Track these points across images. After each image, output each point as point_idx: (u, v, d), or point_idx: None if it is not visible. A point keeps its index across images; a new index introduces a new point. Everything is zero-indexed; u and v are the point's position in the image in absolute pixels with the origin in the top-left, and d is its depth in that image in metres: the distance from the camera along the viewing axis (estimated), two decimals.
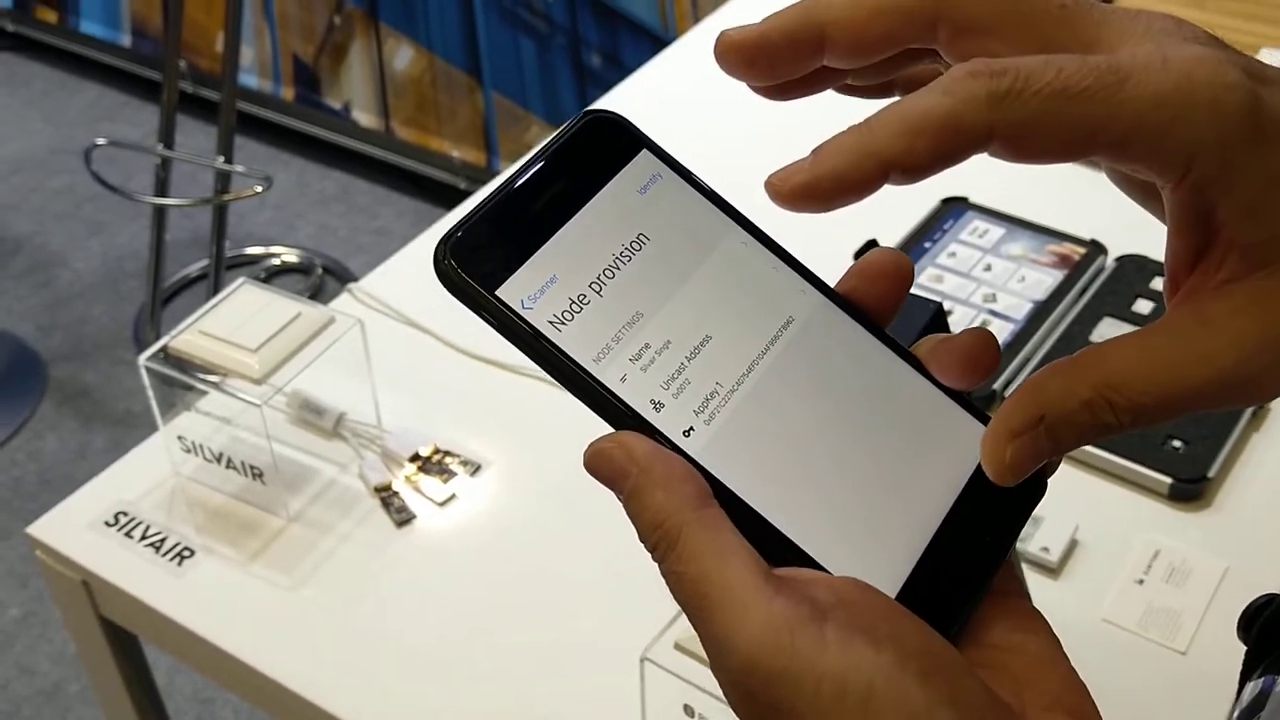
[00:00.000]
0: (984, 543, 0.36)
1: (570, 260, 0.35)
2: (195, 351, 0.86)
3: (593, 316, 0.35)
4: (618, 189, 0.36)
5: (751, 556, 0.32)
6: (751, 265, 0.37)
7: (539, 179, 0.36)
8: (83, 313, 2.39)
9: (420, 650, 0.81)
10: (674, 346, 0.35)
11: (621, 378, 0.34)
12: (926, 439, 0.37)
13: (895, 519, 0.35)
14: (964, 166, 0.32)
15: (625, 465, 0.33)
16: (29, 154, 2.81)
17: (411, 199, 2.64)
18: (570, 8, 2.31)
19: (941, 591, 0.34)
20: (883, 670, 0.30)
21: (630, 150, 0.37)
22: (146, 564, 0.86)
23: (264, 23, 2.67)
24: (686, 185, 0.38)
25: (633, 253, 0.36)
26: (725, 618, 0.31)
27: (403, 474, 0.91)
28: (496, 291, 0.34)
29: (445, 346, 1.01)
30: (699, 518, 0.32)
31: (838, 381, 0.37)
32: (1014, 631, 0.34)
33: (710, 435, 0.34)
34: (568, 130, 0.37)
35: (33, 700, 1.75)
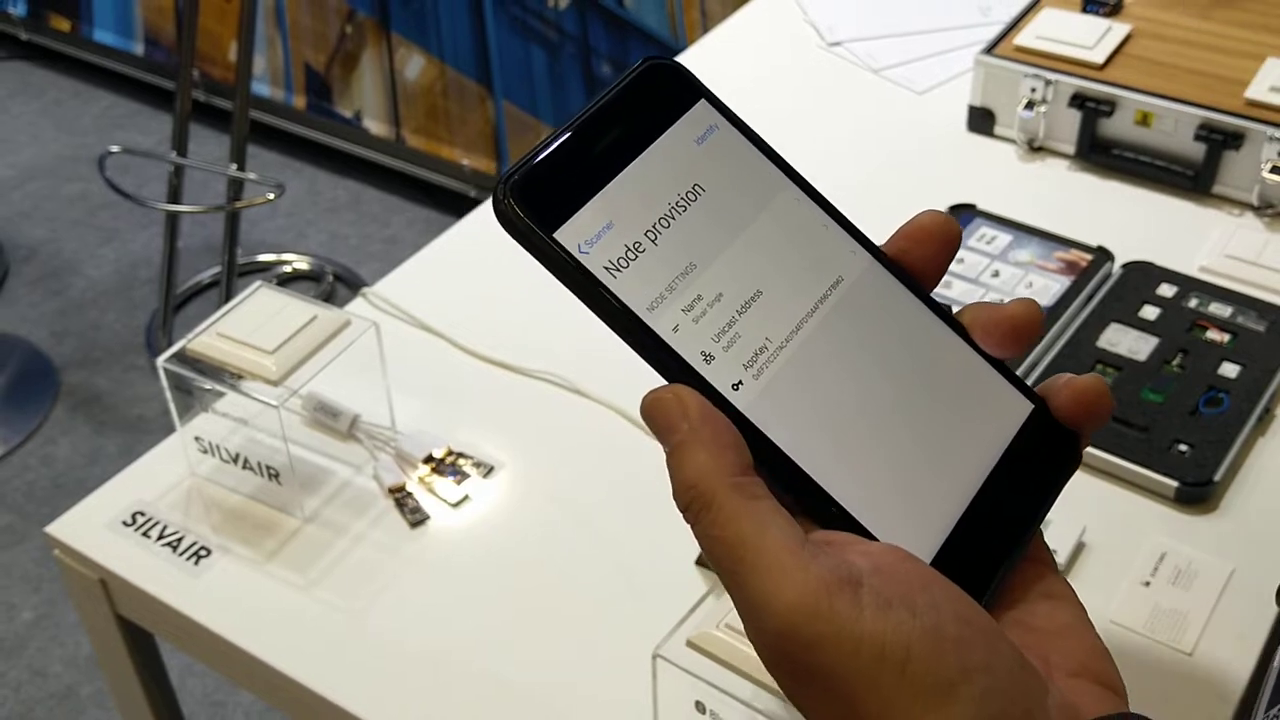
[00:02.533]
0: (1019, 509, 0.36)
1: (627, 207, 0.35)
2: (212, 353, 0.87)
3: (648, 264, 0.35)
4: (675, 138, 0.36)
5: (789, 523, 0.32)
6: (804, 222, 0.37)
7: (598, 123, 0.36)
8: (95, 319, 2.41)
9: (433, 649, 0.82)
10: (726, 299, 0.35)
11: (674, 328, 0.34)
12: (967, 405, 0.37)
13: (935, 482, 0.36)
14: (971, 173, 0.33)
15: (677, 419, 0.34)
16: (42, 162, 2.83)
17: (422, 207, 2.65)
18: (581, 17, 2.32)
19: (977, 556, 0.35)
20: (919, 634, 0.31)
21: (688, 100, 0.37)
22: (164, 563, 0.87)
23: (276, 32, 2.69)
24: (743, 138, 0.38)
25: (688, 203, 0.36)
26: (762, 582, 0.31)
27: (416, 475, 0.92)
28: (554, 234, 0.34)
29: (458, 350, 1.02)
30: (737, 484, 0.33)
31: (883, 344, 0.37)
32: (1043, 599, 0.35)
33: (758, 390, 0.35)
34: (627, 76, 0.37)
35: (45, 703, 1.76)
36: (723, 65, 1.38)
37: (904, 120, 1.29)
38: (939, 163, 1.23)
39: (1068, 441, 0.38)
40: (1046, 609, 0.35)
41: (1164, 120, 1.16)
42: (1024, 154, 1.22)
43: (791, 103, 1.31)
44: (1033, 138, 1.21)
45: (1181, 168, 1.16)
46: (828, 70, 1.37)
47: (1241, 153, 1.13)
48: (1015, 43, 1.24)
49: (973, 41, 1.34)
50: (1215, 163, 1.14)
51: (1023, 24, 1.27)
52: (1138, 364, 0.96)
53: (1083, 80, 1.18)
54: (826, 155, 1.21)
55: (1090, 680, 0.34)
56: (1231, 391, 0.94)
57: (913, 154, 1.24)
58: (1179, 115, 1.15)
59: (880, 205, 1.13)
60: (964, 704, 0.30)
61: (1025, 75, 1.20)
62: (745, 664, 0.66)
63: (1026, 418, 0.38)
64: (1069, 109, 1.19)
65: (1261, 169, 1.12)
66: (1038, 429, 0.38)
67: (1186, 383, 0.95)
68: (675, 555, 0.85)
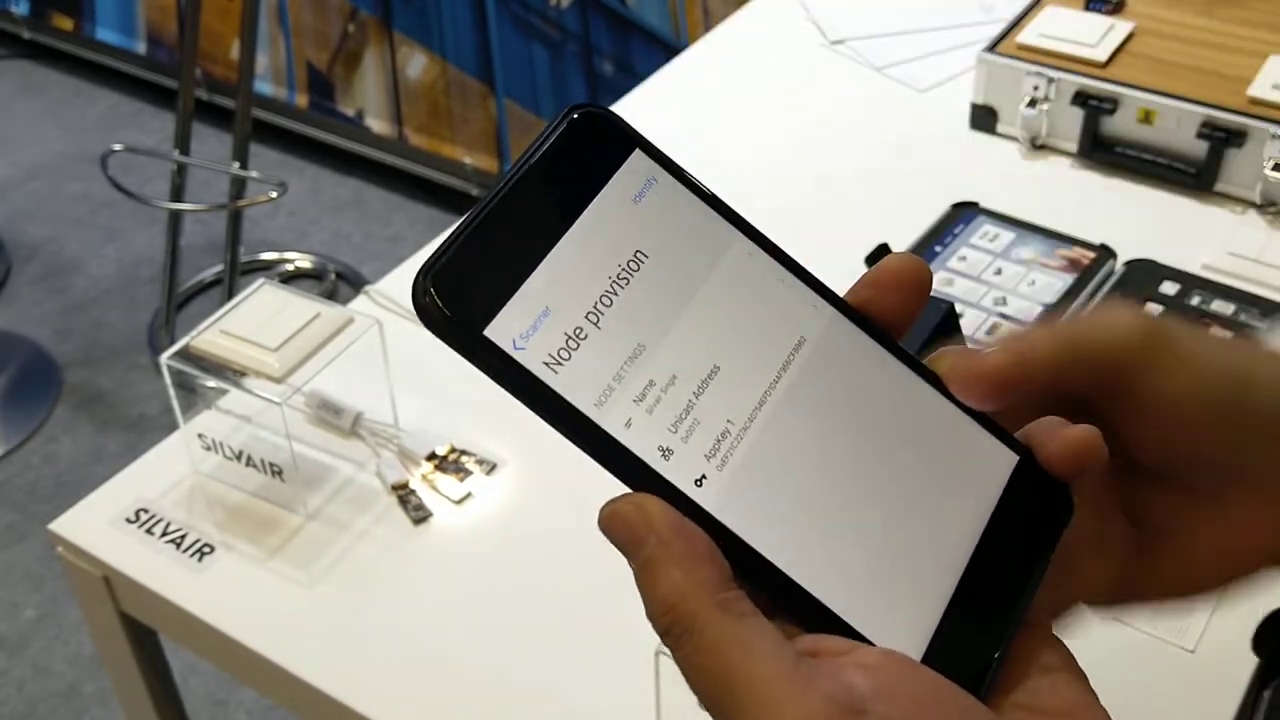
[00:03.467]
0: (1011, 576, 0.33)
1: (564, 288, 0.31)
2: (216, 351, 0.87)
3: (591, 353, 0.31)
4: (611, 198, 0.33)
5: (778, 643, 0.30)
6: (758, 280, 0.34)
7: (525, 191, 0.32)
8: (98, 318, 2.41)
9: (436, 645, 0.82)
10: (680, 381, 0.32)
11: (626, 423, 0.31)
12: (950, 465, 0.34)
13: (923, 559, 0.33)
14: (974, 171, 0.33)
15: (642, 533, 0.31)
16: (45, 160, 2.83)
17: (424, 205, 2.65)
18: (582, 15, 2.32)
19: (973, 638, 0.32)
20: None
21: (622, 151, 0.33)
22: (167, 560, 0.87)
23: (279, 31, 2.69)
24: (684, 189, 0.34)
25: (630, 274, 0.32)
26: (757, 717, 0.29)
27: (419, 473, 0.92)
28: (485, 331, 0.31)
29: None
30: (720, 603, 0.30)
31: (854, 410, 0.34)
32: (1041, 674, 0.33)
33: (724, 483, 0.31)
34: (551, 131, 0.33)
35: (48, 701, 1.76)
36: (725, 63, 1.38)
37: (906, 118, 1.29)
38: (941, 161, 1.23)
39: (1057, 492, 0.35)
40: (1048, 685, 0.33)
41: (1166, 118, 1.16)
42: (1026, 152, 1.22)
43: (793, 101, 1.31)
44: (1035, 135, 1.21)
45: (1184, 165, 1.16)
46: (830, 68, 1.37)
47: (1244, 150, 1.13)
48: (1018, 40, 1.24)
49: (975, 39, 1.34)
50: (1218, 160, 1.14)
51: (1025, 22, 1.27)
52: None
53: (1085, 78, 1.18)
54: (828, 154, 1.21)
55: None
56: None
57: (915, 152, 1.24)
58: (1181, 113, 1.15)
59: (882, 204, 1.12)
60: None
61: (1028, 73, 1.20)
62: None
63: (1013, 471, 0.35)
64: (1071, 107, 1.19)
65: (1264, 167, 1.12)
66: (1025, 481, 0.35)
67: None
68: None
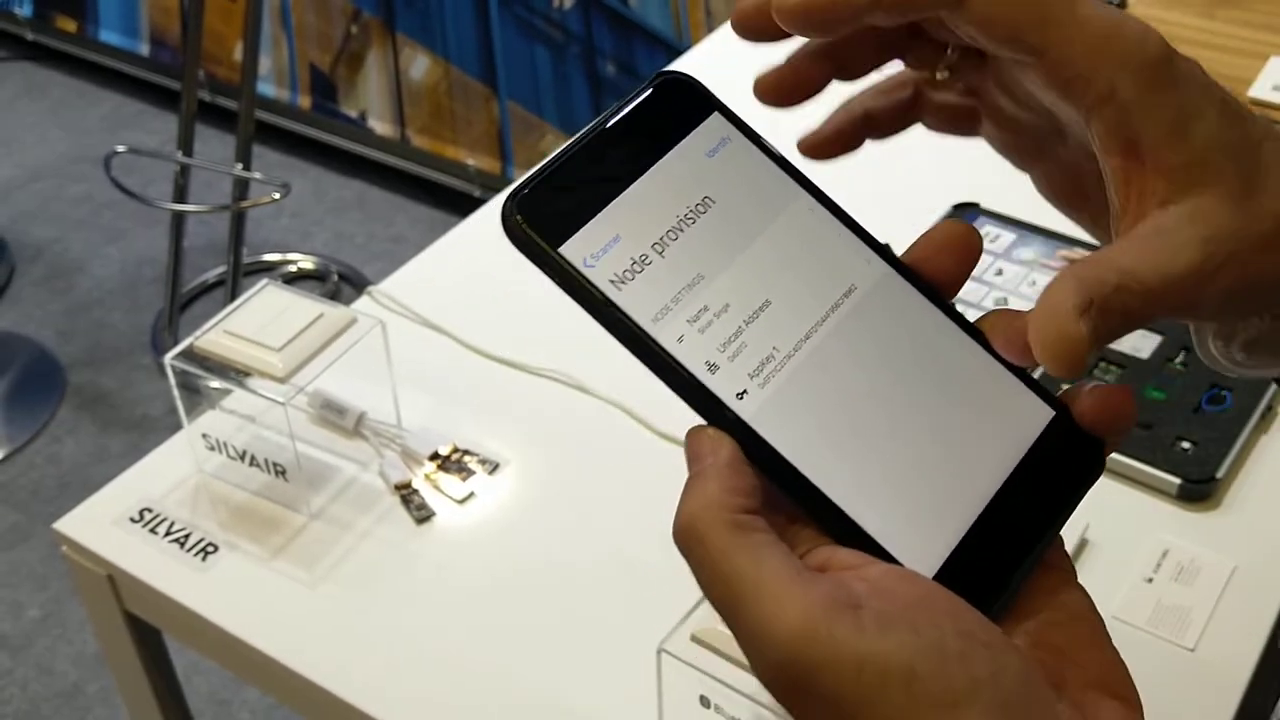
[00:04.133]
0: (1035, 517, 0.36)
1: (635, 220, 0.35)
2: (220, 351, 0.88)
3: (653, 277, 0.35)
4: (686, 150, 0.37)
5: (784, 553, 0.32)
6: (817, 231, 0.37)
7: (609, 138, 0.36)
8: (101, 319, 2.42)
9: (439, 644, 0.82)
10: (733, 310, 0.35)
11: (679, 338, 0.35)
12: (983, 411, 0.36)
13: (947, 488, 0.35)
14: (975, 172, 0.34)
15: (706, 454, 0.34)
16: (48, 162, 2.84)
17: (427, 207, 2.66)
18: (585, 17, 2.33)
19: (988, 564, 0.34)
20: (922, 651, 0.30)
21: (701, 112, 0.37)
22: (171, 559, 0.87)
23: (281, 32, 2.70)
24: (756, 149, 0.37)
25: (697, 215, 0.36)
26: (760, 611, 0.31)
27: (422, 472, 0.92)
28: (560, 249, 0.35)
29: (464, 348, 1.03)
30: (734, 520, 0.33)
31: (896, 350, 0.36)
32: (1057, 609, 0.35)
33: (764, 399, 0.34)
34: (640, 91, 0.37)
35: (52, 701, 1.76)
36: (727, 65, 1.38)
37: None
38: (943, 161, 1.23)
39: (1090, 449, 0.37)
40: (1063, 620, 0.34)
41: None
42: None
43: None
44: None
45: None
46: None
47: None
48: None
49: None
50: None
51: None
52: (1140, 362, 0.97)
53: None
54: (818, 165, 1.20)
55: (1106, 694, 0.33)
56: (1234, 389, 0.94)
57: (916, 152, 1.24)
58: None
59: (884, 204, 1.13)
60: (972, 716, 0.30)
61: None
62: None
63: (1047, 424, 0.37)
64: None
65: None
66: (1059, 436, 0.37)
67: (1189, 380, 0.95)
68: (680, 552, 0.85)
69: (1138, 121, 0.34)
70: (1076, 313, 0.33)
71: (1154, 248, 0.34)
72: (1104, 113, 0.35)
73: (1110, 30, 0.34)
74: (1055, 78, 0.35)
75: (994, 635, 0.32)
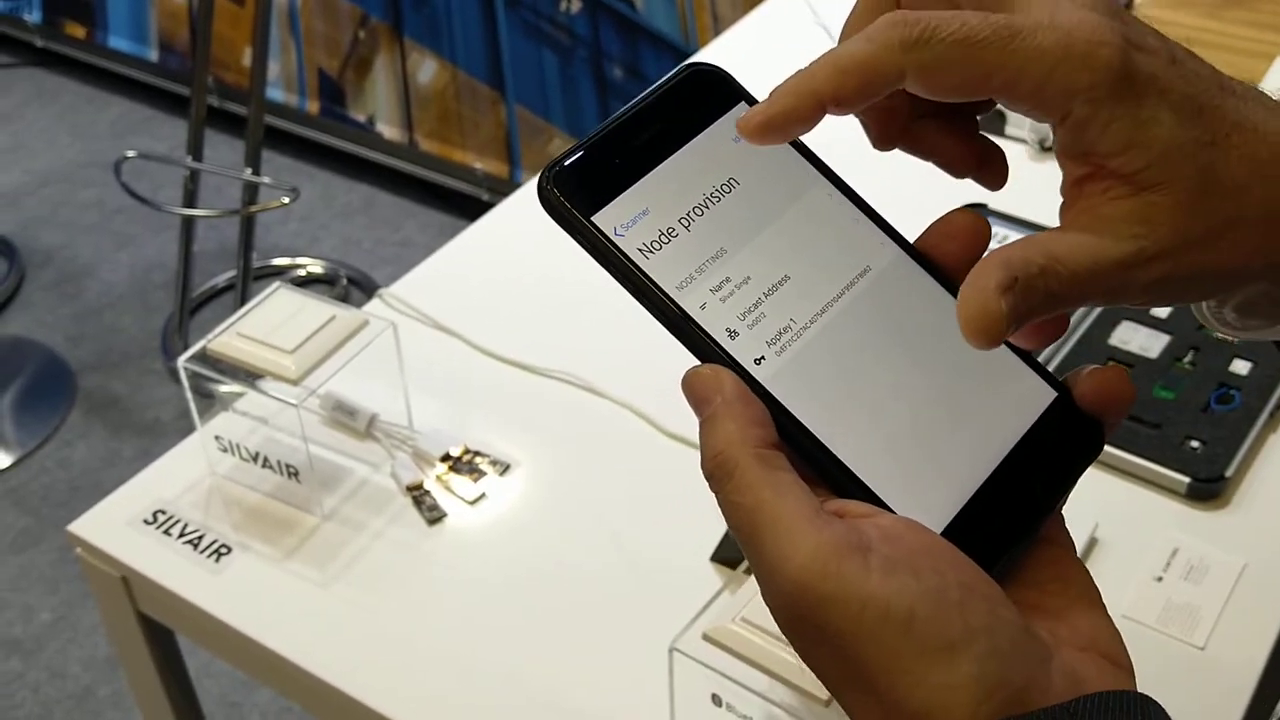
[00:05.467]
0: (1036, 491, 0.38)
1: (663, 196, 0.37)
2: (232, 353, 0.88)
3: (679, 248, 0.37)
4: (713, 136, 0.39)
5: (805, 493, 0.34)
6: (834, 215, 0.40)
7: (641, 121, 0.38)
8: (111, 323, 2.42)
9: (450, 644, 0.83)
10: (753, 282, 0.37)
11: (701, 305, 0.36)
12: (988, 389, 0.39)
13: (953, 459, 0.37)
14: None
15: (712, 393, 0.36)
16: (58, 167, 2.85)
17: (435, 211, 2.66)
18: (592, 20, 2.33)
19: (989, 530, 0.36)
20: (924, 597, 0.32)
21: (728, 101, 0.40)
22: (184, 560, 0.88)
23: (290, 37, 2.71)
24: None
25: (722, 194, 0.38)
26: (776, 544, 0.33)
27: (434, 473, 0.93)
28: (592, 217, 0.37)
29: (474, 350, 1.03)
30: (759, 454, 0.34)
31: (906, 328, 0.38)
32: (1055, 576, 0.36)
33: (780, 365, 0.37)
34: (671, 79, 0.40)
35: (64, 704, 1.77)
36: (734, 68, 1.38)
37: None
38: None
39: (1089, 429, 0.39)
40: (1059, 588, 0.36)
41: None
42: (1035, 154, 1.22)
43: None
44: (1044, 138, 1.22)
45: None
46: None
47: None
48: None
49: None
50: None
51: None
52: (1149, 361, 0.97)
53: None
54: (838, 157, 1.20)
55: (1098, 656, 0.34)
56: (1243, 388, 0.94)
57: None
58: None
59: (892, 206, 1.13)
60: (966, 663, 0.31)
61: None
62: (761, 657, 0.66)
63: (1049, 405, 0.39)
64: None
65: None
66: (1059, 416, 0.39)
67: (1198, 380, 0.95)
68: (690, 551, 0.85)
69: (1091, 138, 0.35)
70: (999, 290, 0.34)
71: (1088, 236, 0.36)
72: (1059, 131, 0.36)
73: (1057, 57, 0.34)
74: (1016, 108, 0.36)
75: (993, 590, 0.33)
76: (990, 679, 0.31)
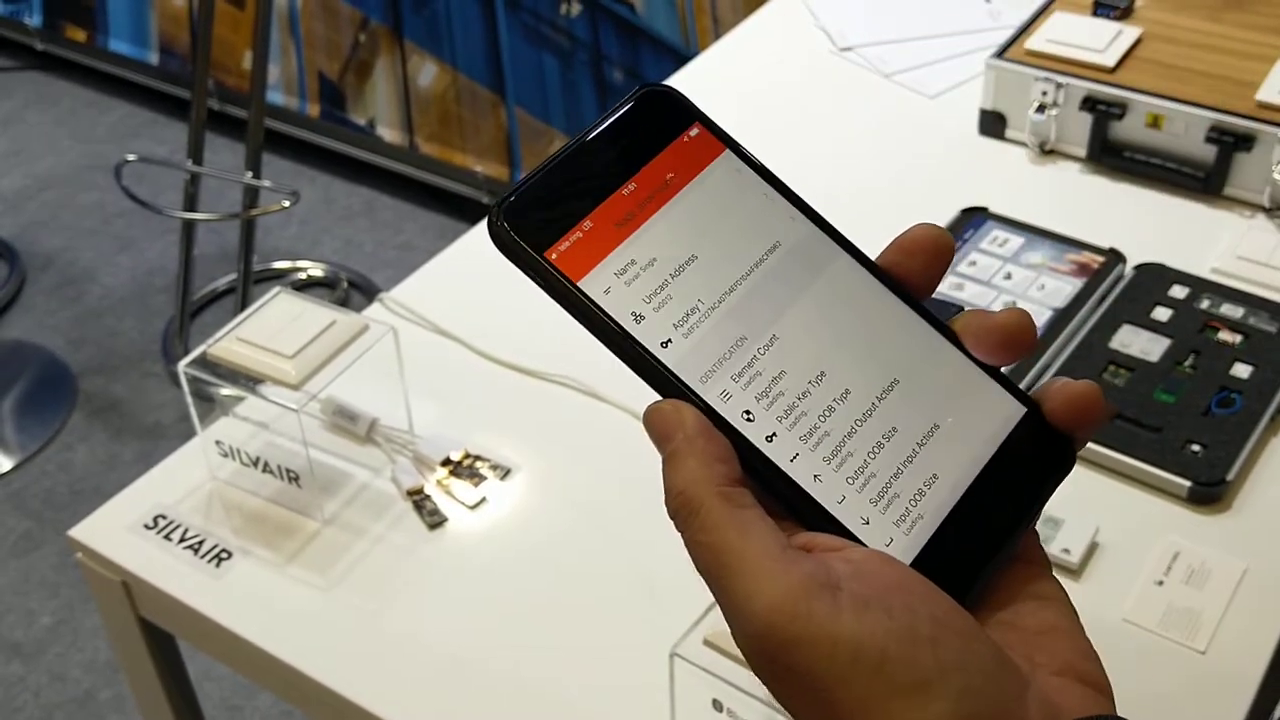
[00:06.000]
0: (1007, 511, 0.37)
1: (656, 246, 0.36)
2: (233, 358, 0.88)
3: (641, 285, 0.36)
4: (667, 161, 0.38)
5: (771, 530, 0.34)
6: (811, 247, 0.38)
7: (593, 147, 0.37)
8: (112, 326, 2.42)
9: (452, 648, 0.83)
10: (716, 313, 0.36)
11: (663, 342, 0.36)
12: (957, 407, 0.38)
13: (921, 481, 0.36)
14: (983, 176, 0.34)
15: (674, 429, 0.35)
16: (58, 171, 2.85)
17: (435, 214, 2.66)
18: (592, 24, 2.33)
19: (961, 555, 0.35)
20: (895, 635, 0.31)
21: (682, 122, 0.39)
22: (185, 565, 0.88)
23: (290, 41, 2.71)
24: (751, 172, 0.39)
25: (693, 237, 0.37)
26: (744, 585, 0.33)
27: (434, 478, 0.93)
28: (547, 254, 0.36)
29: (475, 354, 1.03)
30: (724, 492, 0.34)
31: (870, 347, 0.37)
32: (1032, 600, 0.36)
33: (740, 395, 0.36)
34: (623, 104, 0.38)
35: (65, 707, 1.77)
36: (734, 71, 1.39)
37: (916, 124, 1.29)
38: (951, 166, 1.23)
39: (1060, 446, 0.38)
40: (1034, 609, 0.35)
41: (1175, 123, 1.16)
42: (1035, 157, 1.22)
43: (803, 108, 1.32)
44: (1044, 141, 1.22)
45: (1192, 170, 1.17)
46: (839, 75, 1.38)
47: (1252, 155, 1.14)
48: (1026, 46, 1.25)
49: (983, 45, 1.35)
50: (1226, 165, 1.15)
51: (1033, 28, 1.27)
52: (1150, 365, 0.97)
53: (1094, 83, 1.19)
54: (839, 160, 1.22)
55: (1075, 680, 0.34)
56: (1244, 392, 0.94)
57: (925, 158, 1.25)
58: (1190, 118, 1.15)
59: (893, 209, 1.13)
60: (939, 701, 0.31)
61: (1036, 79, 1.20)
62: None
63: (1018, 421, 0.38)
64: (1080, 112, 1.20)
65: (1272, 171, 1.13)
66: (1030, 433, 0.38)
67: (1199, 383, 0.95)
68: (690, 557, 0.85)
69: None
70: None
71: None
72: None
73: None
74: None
75: (967, 623, 0.33)
76: (965, 716, 0.31)
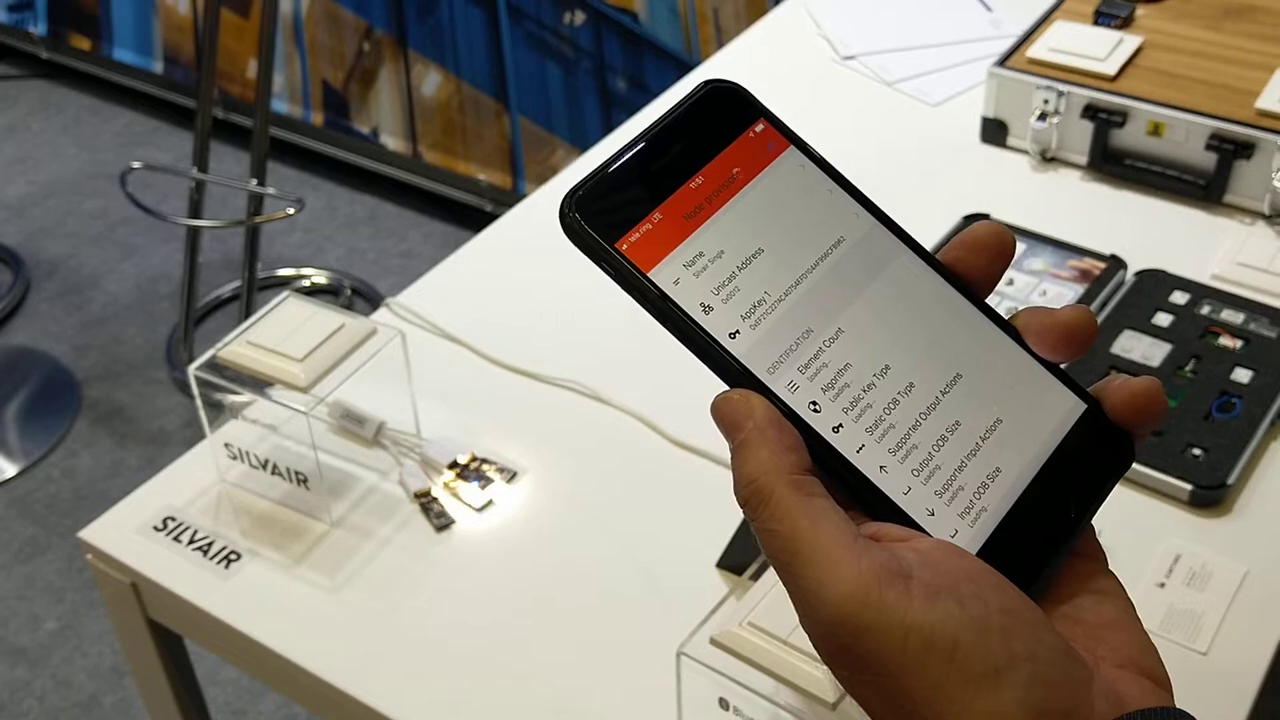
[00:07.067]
0: (1069, 505, 0.37)
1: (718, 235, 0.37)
2: (242, 361, 0.89)
3: (711, 276, 0.36)
4: (736, 154, 0.39)
5: (843, 519, 0.34)
6: (874, 241, 0.39)
7: (661, 142, 0.38)
8: (117, 333, 2.43)
9: (459, 649, 0.83)
10: (784, 305, 0.37)
11: (731, 334, 0.36)
12: (1020, 403, 0.38)
13: (987, 475, 0.37)
14: (985, 184, 0.35)
15: (743, 419, 0.35)
16: (63, 178, 2.86)
17: (439, 222, 2.67)
18: (596, 33, 2.34)
19: (1025, 548, 0.36)
20: (966, 624, 0.32)
21: (747, 118, 0.39)
22: (194, 567, 0.89)
23: (294, 49, 2.72)
24: (809, 162, 0.40)
25: (766, 225, 0.38)
26: (816, 573, 0.33)
27: (441, 481, 0.93)
28: (618, 245, 0.36)
29: (481, 358, 1.04)
30: (795, 480, 0.34)
31: (936, 344, 0.38)
32: (1092, 594, 0.36)
33: (809, 389, 0.36)
34: (689, 99, 0.39)
35: (70, 712, 1.78)
36: (737, 79, 1.39)
37: (918, 132, 1.30)
38: (953, 174, 1.24)
39: (1120, 441, 0.39)
40: (1094, 603, 0.36)
41: (1175, 131, 1.17)
42: (1037, 164, 1.23)
43: (806, 116, 1.32)
44: (1045, 148, 1.23)
45: (1193, 177, 1.18)
46: (842, 84, 1.39)
47: (1252, 162, 1.14)
48: (1028, 55, 1.25)
49: (985, 54, 1.36)
50: (1226, 172, 1.16)
51: (1035, 36, 1.28)
52: (1151, 370, 0.98)
53: (1095, 91, 1.20)
54: (841, 167, 1.21)
55: (1136, 673, 0.35)
56: (1244, 396, 0.95)
57: (927, 165, 1.25)
58: (1190, 126, 1.16)
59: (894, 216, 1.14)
60: (1010, 689, 0.31)
61: (1038, 87, 1.21)
62: (768, 661, 0.67)
63: (1079, 417, 0.39)
64: (1081, 120, 1.20)
65: (1272, 178, 1.13)
66: (1090, 429, 0.39)
67: (1199, 388, 0.96)
68: (697, 558, 0.86)
69: None
70: None
71: None
72: None
73: None
74: None
75: (1035, 614, 0.33)
76: (1035, 705, 0.32)
